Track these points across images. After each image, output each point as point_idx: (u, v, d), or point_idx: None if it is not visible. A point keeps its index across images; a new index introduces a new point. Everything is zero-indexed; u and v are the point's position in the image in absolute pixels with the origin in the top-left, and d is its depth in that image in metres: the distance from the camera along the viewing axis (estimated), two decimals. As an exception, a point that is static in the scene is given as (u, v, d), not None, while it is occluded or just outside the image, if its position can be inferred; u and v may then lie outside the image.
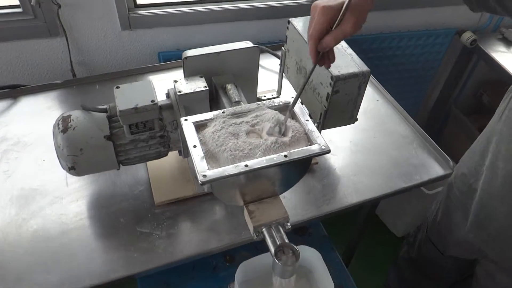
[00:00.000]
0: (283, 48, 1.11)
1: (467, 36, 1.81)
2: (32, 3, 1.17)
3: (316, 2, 0.72)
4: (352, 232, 1.52)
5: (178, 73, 1.28)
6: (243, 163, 0.70)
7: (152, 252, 0.88)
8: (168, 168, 1.02)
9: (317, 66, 0.78)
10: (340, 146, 1.13)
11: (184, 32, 1.42)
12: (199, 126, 0.78)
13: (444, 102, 2.15)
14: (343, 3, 0.68)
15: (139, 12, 1.34)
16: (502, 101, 0.94)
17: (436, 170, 1.08)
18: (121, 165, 0.90)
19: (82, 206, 0.96)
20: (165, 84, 0.94)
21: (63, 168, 0.87)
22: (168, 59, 1.39)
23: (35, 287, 0.81)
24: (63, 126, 0.83)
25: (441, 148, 1.14)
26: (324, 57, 0.76)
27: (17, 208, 0.94)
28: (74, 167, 0.85)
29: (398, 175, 1.06)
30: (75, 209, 0.95)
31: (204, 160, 0.70)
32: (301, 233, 1.16)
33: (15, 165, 1.04)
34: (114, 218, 0.94)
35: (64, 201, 0.97)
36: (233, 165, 0.70)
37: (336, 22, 0.70)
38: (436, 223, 1.16)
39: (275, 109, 0.81)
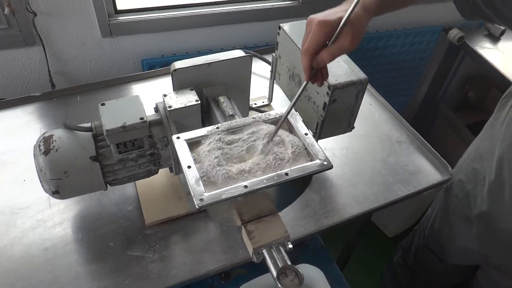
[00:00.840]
0: (273, 54, 1.07)
1: (454, 33, 1.80)
2: (5, 13, 1.10)
3: (312, 16, 0.68)
4: (346, 233, 1.49)
5: (164, 81, 1.23)
6: (242, 184, 0.66)
7: (145, 277, 0.83)
8: (158, 185, 0.96)
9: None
10: (336, 154, 1.10)
11: (168, 37, 1.36)
12: (193, 144, 0.73)
13: (432, 99, 2.14)
14: (341, 18, 0.64)
15: (120, 18, 1.27)
16: (499, 106, 0.92)
17: (434, 176, 1.05)
18: (108, 185, 0.85)
19: (67, 229, 0.90)
20: (150, 93, 0.89)
21: (46, 192, 0.81)
22: (152, 66, 1.33)
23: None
24: (45, 147, 0.77)
25: (431, 145, 1.12)
26: (317, 73, 0.72)
27: (-3, 235, 0.88)
28: (58, 191, 0.79)
29: (397, 183, 1.03)
30: (60, 233, 0.89)
31: (200, 182, 0.66)
32: (297, 245, 1.12)
33: (-6, 187, 0.97)
34: (103, 241, 0.88)
35: (47, 224, 0.90)
36: (231, 186, 0.65)
37: (333, 37, 0.66)
38: (435, 231, 1.14)
39: (271, 123, 0.77)
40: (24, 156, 1.02)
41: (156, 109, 0.86)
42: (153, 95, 0.86)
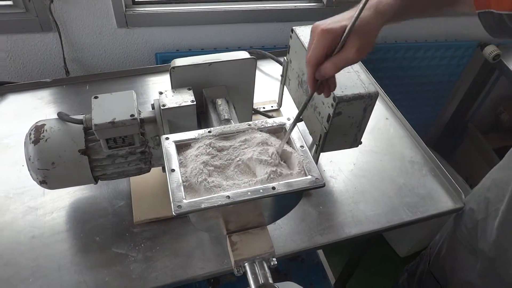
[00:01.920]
0: (285, 58, 1.02)
1: (490, 50, 1.70)
2: (23, -4, 1.11)
3: (317, 23, 0.63)
4: (351, 248, 1.43)
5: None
6: (225, 194, 0.62)
7: (126, 277, 0.81)
8: (152, 184, 0.94)
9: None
10: (342, 168, 1.04)
11: (184, 32, 1.34)
12: (182, 146, 0.70)
13: (461, 119, 2.04)
14: (345, 26, 0.59)
15: (137, 9, 1.26)
16: None
17: (445, 203, 0.98)
18: (99, 180, 0.83)
19: (57, 219, 0.89)
20: (160, 88, 0.86)
21: (34, 180, 0.80)
22: (166, 60, 1.32)
23: (-5, 311, 0.75)
24: (35, 136, 0.76)
25: (454, 167, 1.05)
26: (324, 84, 0.67)
27: (-12, 218, 0.88)
28: (46, 181, 0.78)
29: (403, 206, 0.96)
30: (49, 222, 0.88)
31: (182, 187, 0.63)
32: (293, 258, 1.08)
33: (-8, 169, 0.97)
34: (90, 235, 0.87)
35: (39, 212, 0.90)
36: (213, 195, 0.62)
37: (338, 47, 0.61)
38: (440, 258, 1.07)
39: (267, 131, 0.73)
40: (26, 141, 1.02)
41: (153, 106, 0.83)
42: (162, 90, 0.83)
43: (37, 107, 1.12)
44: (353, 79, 0.84)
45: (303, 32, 0.93)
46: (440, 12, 0.78)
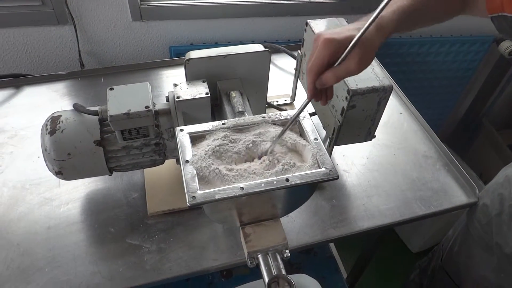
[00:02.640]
0: (299, 51, 1.02)
1: (506, 46, 1.67)
2: (39, -11, 1.12)
3: (319, 32, 0.63)
4: (363, 243, 1.42)
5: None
6: (239, 185, 0.63)
7: (139, 268, 0.81)
8: (166, 176, 0.95)
9: None
10: (355, 162, 1.04)
11: (198, 26, 1.34)
12: (196, 138, 0.71)
13: (475, 114, 2.01)
14: (349, 37, 0.60)
15: (151, 2, 1.26)
16: None
17: (459, 197, 0.98)
18: (114, 171, 0.84)
19: (72, 210, 0.90)
20: (174, 81, 0.87)
21: (50, 171, 0.81)
22: (180, 53, 1.32)
23: (12, 298, 0.76)
24: (51, 127, 0.77)
25: (468, 163, 1.04)
26: (322, 92, 0.68)
27: (5, 209, 0.89)
28: (61, 172, 0.79)
29: (416, 200, 0.96)
30: (65, 213, 0.89)
31: (196, 179, 0.63)
32: (305, 251, 1.08)
33: (10, 161, 0.99)
34: (104, 226, 0.88)
35: (54, 203, 0.91)
36: (227, 187, 0.62)
37: (340, 58, 0.61)
38: (453, 254, 1.06)
39: (281, 124, 0.73)
40: (42, 133, 1.03)
41: (167, 99, 0.84)
42: (177, 82, 0.84)
43: (53, 100, 1.14)
44: (367, 72, 0.84)
45: (318, 26, 0.93)
46: (448, 19, 0.78)
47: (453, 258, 1.07)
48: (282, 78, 1.27)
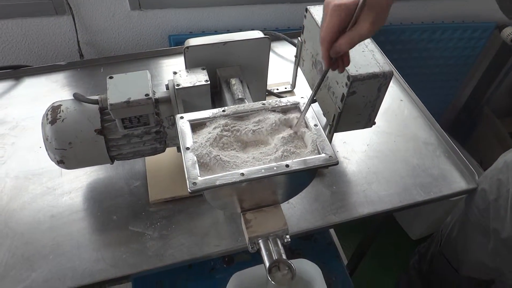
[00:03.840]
0: (299, 38, 1.02)
1: (508, 32, 1.66)
2: (37, -21, 1.12)
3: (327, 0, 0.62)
4: (363, 230, 1.43)
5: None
6: (239, 171, 0.63)
7: (142, 254, 0.82)
8: (167, 164, 0.95)
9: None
10: (355, 149, 1.04)
11: (197, 14, 1.34)
12: (196, 125, 0.71)
13: (476, 102, 2.01)
14: (358, 0, 0.58)
15: (150, -9, 1.26)
16: None
17: (458, 183, 0.98)
18: (115, 160, 0.85)
19: (74, 198, 0.91)
20: (174, 69, 0.87)
21: (52, 161, 0.81)
22: (179, 42, 1.32)
23: (17, 285, 0.77)
24: (52, 117, 0.77)
25: (468, 151, 1.04)
26: (338, 60, 0.67)
27: (9, 199, 0.90)
28: (63, 161, 0.79)
29: (416, 186, 0.96)
30: (67, 202, 0.90)
31: (197, 165, 0.64)
32: (306, 238, 1.09)
33: (11, 151, 0.99)
34: (107, 214, 0.89)
35: (57, 192, 0.92)
36: (227, 173, 0.63)
37: (351, 22, 0.60)
38: (452, 239, 1.07)
39: (281, 110, 0.73)
40: (43, 123, 1.04)
41: (167, 87, 0.84)
42: (177, 70, 0.84)
43: (53, 90, 1.14)
44: (367, 58, 0.84)
45: (318, 12, 0.93)
46: None
47: (452, 243, 1.08)
48: (282, 65, 1.27)
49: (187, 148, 0.66)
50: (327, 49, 0.63)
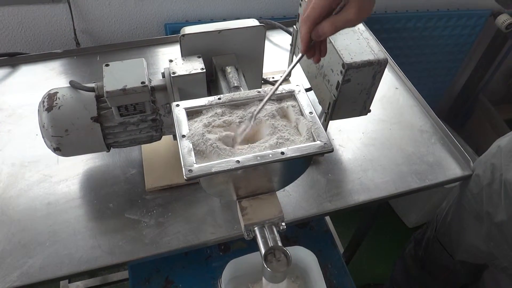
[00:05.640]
0: (294, 27, 1.02)
1: (503, 19, 1.66)
2: (31, -34, 1.11)
3: None
4: (360, 218, 1.45)
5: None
6: (235, 159, 0.64)
7: (139, 241, 0.83)
8: (163, 152, 0.96)
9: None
10: (351, 137, 1.05)
11: (193, 3, 1.33)
12: (192, 113, 0.71)
13: (472, 89, 2.01)
14: None
15: (146, -21, 1.25)
16: None
17: (453, 170, 0.99)
18: (111, 147, 0.85)
19: (71, 186, 0.91)
20: (170, 58, 0.87)
21: (48, 148, 0.82)
22: (175, 31, 1.31)
23: (14, 272, 0.78)
24: (48, 104, 0.77)
25: (464, 138, 1.04)
26: (315, 47, 0.66)
27: (5, 186, 0.90)
28: (59, 148, 0.80)
29: (411, 174, 0.97)
30: (64, 189, 0.91)
31: (192, 152, 0.64)
32: (302, 225, 1.10)
33: (8, 139, 0.99)
34: (103, 201, 0.89)
35: (53, 180, 0.92)
36: (223, 160, 0.63)
37: (338, 6, 0.59)
38: (446, 224, 1.08)
39: (277, 98, 0.74)
40: (39, 111, 1.03)
41: (163, 75, 0.84)
42: (172, 58, 0.83)
43: (49, 78, 1.14)
44: (362, 45, 0.84)
45: None
46: None
47: (446, 229, 1.09)
48: (278, 54, 1.27)
49: (183, 136, 0.66)
50: (309, 29, 0.62)
